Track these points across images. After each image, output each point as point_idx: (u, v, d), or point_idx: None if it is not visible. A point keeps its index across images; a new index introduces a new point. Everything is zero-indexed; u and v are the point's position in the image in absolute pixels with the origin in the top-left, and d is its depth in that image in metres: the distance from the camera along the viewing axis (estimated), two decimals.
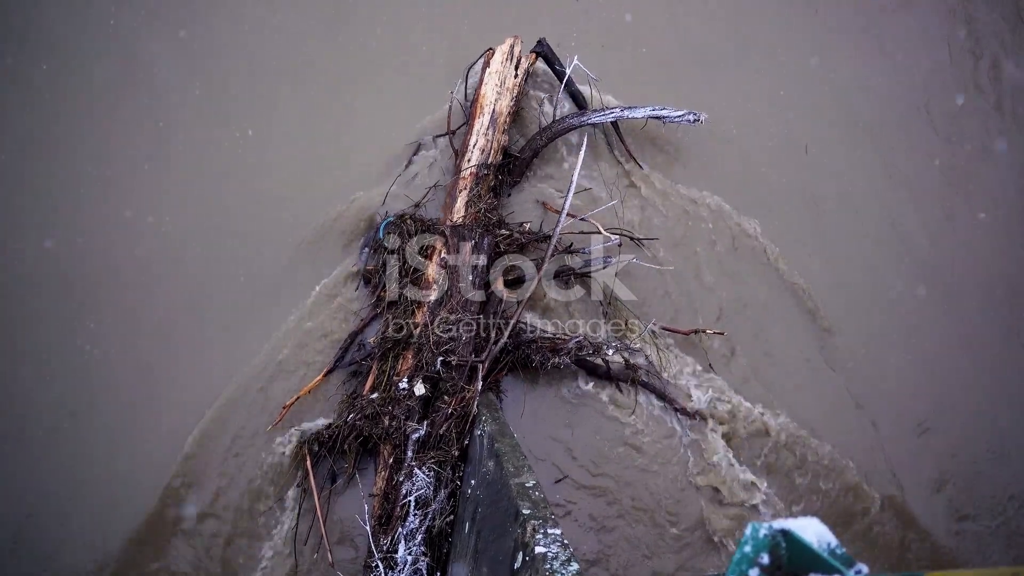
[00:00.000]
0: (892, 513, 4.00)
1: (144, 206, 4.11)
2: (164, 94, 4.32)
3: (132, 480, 3.65)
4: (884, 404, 4.24)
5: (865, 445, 4.13)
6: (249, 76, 4.43)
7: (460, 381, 3.63)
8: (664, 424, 3.99)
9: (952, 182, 4.74)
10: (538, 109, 4.50)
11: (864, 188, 4.67)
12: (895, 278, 4.51)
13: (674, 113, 4.18)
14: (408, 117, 4.45)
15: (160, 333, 3.90)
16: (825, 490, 3.99)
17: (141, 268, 4.00)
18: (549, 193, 4.37)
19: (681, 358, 4.14)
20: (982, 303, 4.51)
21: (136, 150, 4.20)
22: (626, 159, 4.50)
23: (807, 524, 1.34)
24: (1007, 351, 4.44)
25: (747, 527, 1.35)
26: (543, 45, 4.39)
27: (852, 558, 1.27)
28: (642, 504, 3.82)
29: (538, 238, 4.11)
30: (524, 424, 3.86)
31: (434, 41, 4.63)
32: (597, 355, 3.87)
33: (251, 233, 4.13)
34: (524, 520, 2.39)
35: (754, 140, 4.68)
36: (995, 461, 4.20)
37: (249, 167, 4.26)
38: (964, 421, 4.25)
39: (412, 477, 3.43)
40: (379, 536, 3.43)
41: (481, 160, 4.10)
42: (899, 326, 4.42)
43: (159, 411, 3.77)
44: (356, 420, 3.60)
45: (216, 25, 4.49)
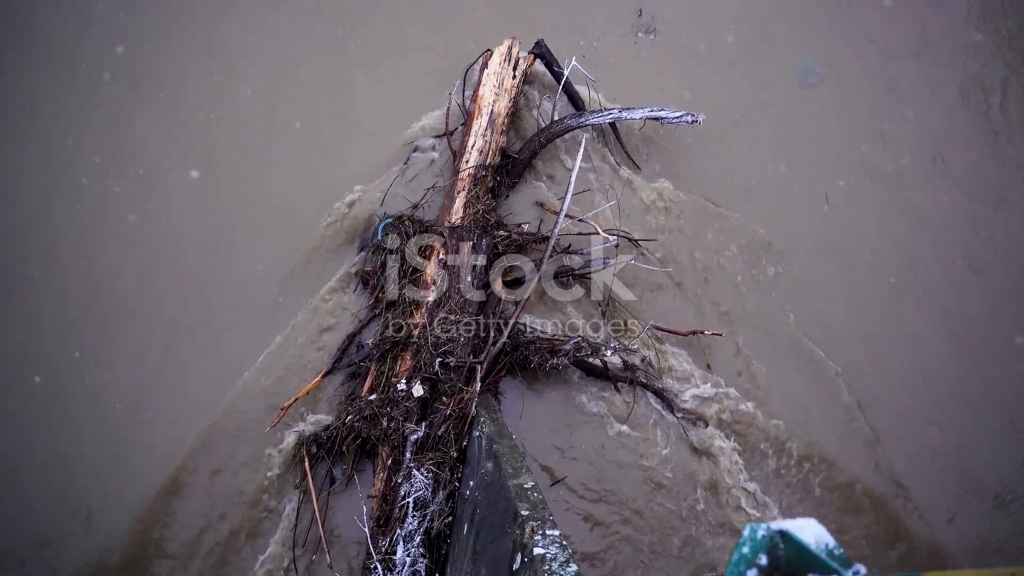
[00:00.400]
0: (891, 514, 4.00)
1: (142, 206, 4.10)
2: (163, 94, 4.33)
3: (131, 481, 3.64)
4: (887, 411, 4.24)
5: (865, 447, 4.13)
6: (248, 76, 4.43)
7: (458, 382, 3.62)
8: (661, 424, 3.98)
9: (974, 228, 4.68)
10: (536, 110, 4.51)
11: (884, 235, 4.61)
12: (913, 322, 4.47)
13: (672, 114, 4.18)
14: (406, 118, 4.46)
15: (159, 334, 3.90)
16: (823, 491, 3.99)
17: (141, 268, 3.99)
18: (547, 194, 4.37)
19: (679, 358, 4.14)
20: (1002, 351, 4.47)
21: (135, 150, 4.20)
22: (624, 160, 4.50)
23: (805, 525, 1.33)
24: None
25: (745, 528, 1.35)
26: (541, 46, 4.39)
27: (850, 559, 1.27)
28: (641, 505, 3.81)
29: (536, 239, 4.11)
30: (522, 425, 3.85)
31: (432, 42, 4.64)
32: (595, 356, 3.87)
33: (250, 233, 4.13)
34: (523, 521, 2.39)
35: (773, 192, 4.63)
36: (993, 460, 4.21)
37: (249, 168, 4.26)
38: (964, 419, 4.27)
39: (411, 478, 3.42)
40: (378, 537, 3.43)
41: (479, 161, 4.10)
42: (913, 364, 4.40)
43: (159, 412, 3.76)
44: (354, 421, 3.60)
45: (215, 25, 4.50)
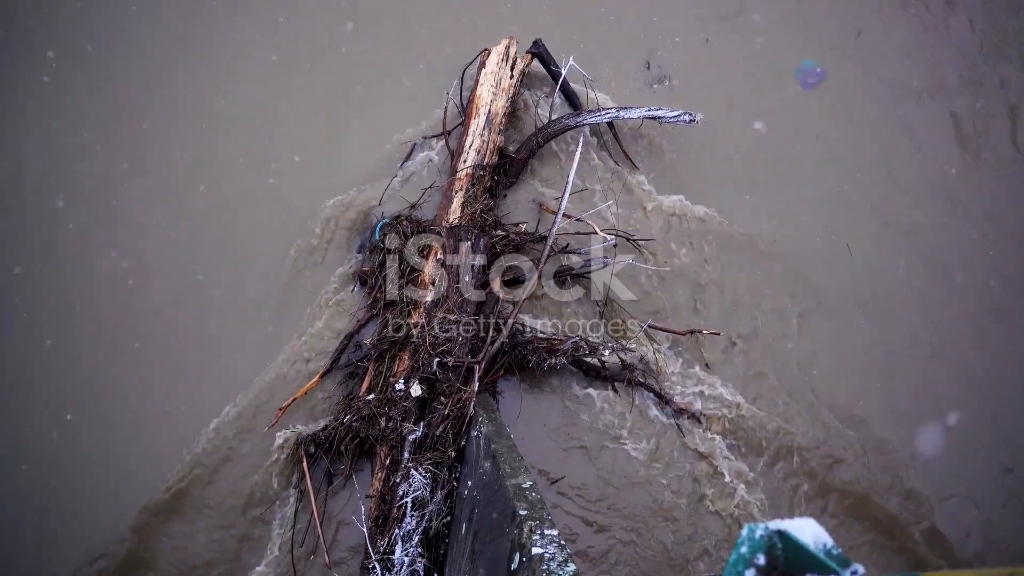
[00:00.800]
0: (890, 513, 4.01)
1: (141, 206, 4.10)
2: (160, 93, 4.32)
3: (132, 482, 3.64)
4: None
5: (866, 448, 4.14)
6: (245, 75, 4.42)
7: (457, 382, 3.62)
8: (659, 423, 3.99)
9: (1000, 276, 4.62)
10: (534, 110, 4.50)
11: (904, 283, 4.56)
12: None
13: (669, 113, 4.18)
14: (404, 118, 4.45)
15: (158, 335, 3.89)
16: (821, 491, 4.00)
17: (140, 268, 3.99)
18: (545, 194, 4.37)
19: (676, 358, 4.15)
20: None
21: (136, 150, 4.20)
22: (622, 160, 4.50)
23: (803, 525, 1.34)
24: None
25: (743, 528, 1.35)
26: (539, 46, 4.39)
27: (848, 558, 1.28)
28: (638, 504, 3.82)
29: (534, 239, 4.11)
30: (521, 425, 3.85)
31: (429, 42, 4.62)
32: (593, 356, 3.87)
33: (247, 235, 4.12)
34: (521, 521, 2.39)
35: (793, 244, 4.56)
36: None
37: (246, 168, 4.25)
38: (962, 418, 4.28)
39: (409, 478, 3.42)
40: (376, 537, 3.43)
41: (477, 161, 4.10)
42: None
43: (159, 413, 3.76)
44: (353, 421, 3.59)
45: (212, 22, 4.49)
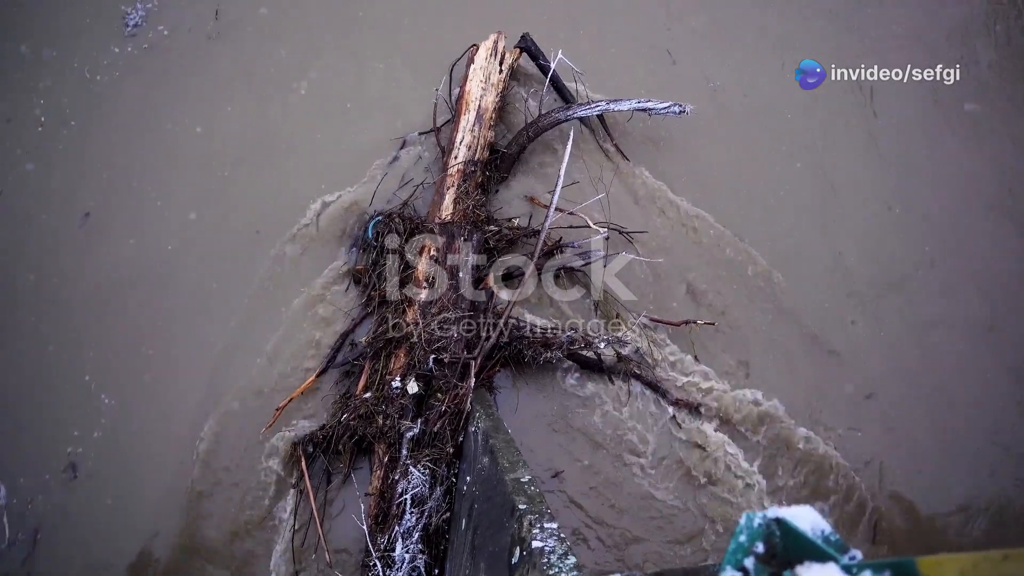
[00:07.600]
0: (887, 501, 4.05)
1: (139, 205, 4.09)
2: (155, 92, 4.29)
3: (131, 482, 3.64)
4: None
5: (865, 436, 4.16)
6: (238, 72, 4.40)
7: (453, 378, 3.63)
8: (656, 415, 4.01)
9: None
10: (524, 105, 4.49)
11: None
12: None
13: (659, 105, 4.19)
14: (393, 114, 4.43)
15: (157, 335, 3.89)
16: (819, 479, 4.04)
17: (138, 268, 3.99)
18: (536, 188, 4.37)
19: (672, 349, 4.17)
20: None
21: (135, 150, 4.20)
22: (613, 152, 4.50)
23: (801, 512, 1.34)
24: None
25: (741, 517, 1.36)
26: (527, 40, 4.38)
27: (846, 544, 1.29)
28: (637, 496, 3.84)
29: (527, 233, 4.11)
30: (518, 419, 3.87)
31: (417, 38, 4.60)
32: (589, 349, 3.89)
33: (241, 234, 4.11)
34: (520, 515, 2.39)
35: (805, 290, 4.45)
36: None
37: (240, 168, 4.23)
38: (962, 415, 4.28)
39: (408, 475, 3.43)
40: (376, 535, 3.43)
41: (468, 157, 4.09)
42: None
43: (160, 413, 3.76)
44: (350, 420, 3.59)
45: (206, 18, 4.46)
